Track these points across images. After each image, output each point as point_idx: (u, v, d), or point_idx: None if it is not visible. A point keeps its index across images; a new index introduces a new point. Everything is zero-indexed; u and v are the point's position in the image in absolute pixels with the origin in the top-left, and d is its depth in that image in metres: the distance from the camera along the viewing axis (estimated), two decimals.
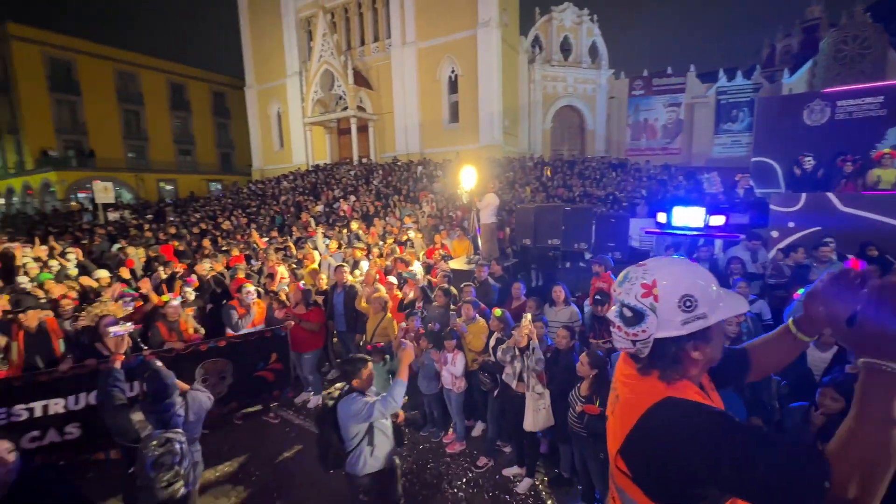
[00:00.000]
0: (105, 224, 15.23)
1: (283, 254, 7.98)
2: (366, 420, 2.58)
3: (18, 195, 29.89)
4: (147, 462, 2.32)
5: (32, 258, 7.07)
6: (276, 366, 4.61)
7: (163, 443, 2.36)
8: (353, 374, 2.67)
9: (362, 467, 2.63)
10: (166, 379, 2.53)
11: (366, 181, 18.02)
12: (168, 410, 2.47)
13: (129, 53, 31.64)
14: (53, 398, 3.54)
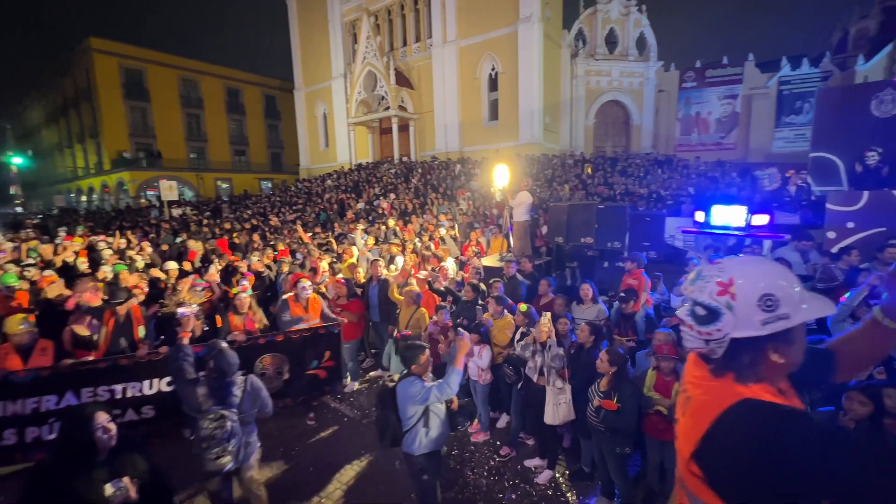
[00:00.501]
0: (169, 219, 16.65)
1: (325, 249, 8.44)
2: (422, 403, 2.71)
3: (98, 193, 33.21)
4: (201, 434, 2.61)
5: (112, 250, 7.95)
6: (329, 363, 4.58)
7: (216, 419, 2.62)
8: (413, 359, 2.82)
9: (418, 447, 2.76)
10: (230, 359, 2.78)
11: (405, 179, 18.44)
12: (227, 389, 2.73)
13: (190, 61, 34.14)
14: (131, 382, 3.84)
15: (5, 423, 3.58)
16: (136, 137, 31.68)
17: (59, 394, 3.65)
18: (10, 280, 5.45)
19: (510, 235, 7.08)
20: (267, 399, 3.00)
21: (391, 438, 2.82)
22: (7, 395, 3.54)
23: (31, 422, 3.62)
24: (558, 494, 3.45)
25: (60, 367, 3.69)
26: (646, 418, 3.08)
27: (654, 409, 3.03)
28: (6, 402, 3.54)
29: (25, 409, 3.59)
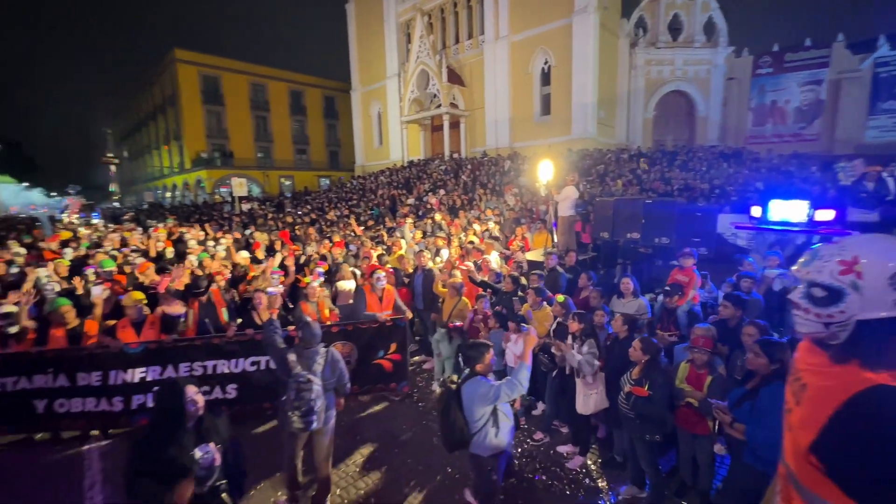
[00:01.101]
0: (240, 213, 18.23)
1: (377, 241, 8.93)
2: (492, 402, 2.65)
3: (180, 189, 36.89)
4: (291, 395, 2.95)
5: (195, 241, 8.96)
6: (395, 356, 4.64)
7: (304, 382, 2.94)
8: (477, 358, 2.76)
9: (488, 447, 2.71)
10: (315, 330, 3.16)
11: (455, 175, 18.73)
12: (313, 357, 3.08)
13: (259, 67, 36.76)
14: (221, 360, 4.24)
15: (115, 391, 4.13)
16: (212, 139, 34.76)
17: (163, 366, 4.17)
18: (108, 265, 6.30)
19: (554, 231, 7.09)
20: (344, 371, 3.27)
21: (458, 441, 2.74)
22: (119, 365, 4.09)
23: (137, 390, 4.15)
24: (588, 480, 3.54)
25: (165, 342, 4.20)
26: (677, 411, 3.10)
27: (684, 402, 3.04)
28: (118, 371, 4.11)
29: (134, 377, 4.14)
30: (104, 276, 5.94)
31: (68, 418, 4.17)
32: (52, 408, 4.12)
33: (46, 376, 4.07)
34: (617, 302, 4.55)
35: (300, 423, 2.94)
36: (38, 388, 4.08)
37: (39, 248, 8.31)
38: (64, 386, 4.11)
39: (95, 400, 4.15)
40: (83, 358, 4.12)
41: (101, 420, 4.22)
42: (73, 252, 7.78)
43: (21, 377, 4.05)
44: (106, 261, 6.51)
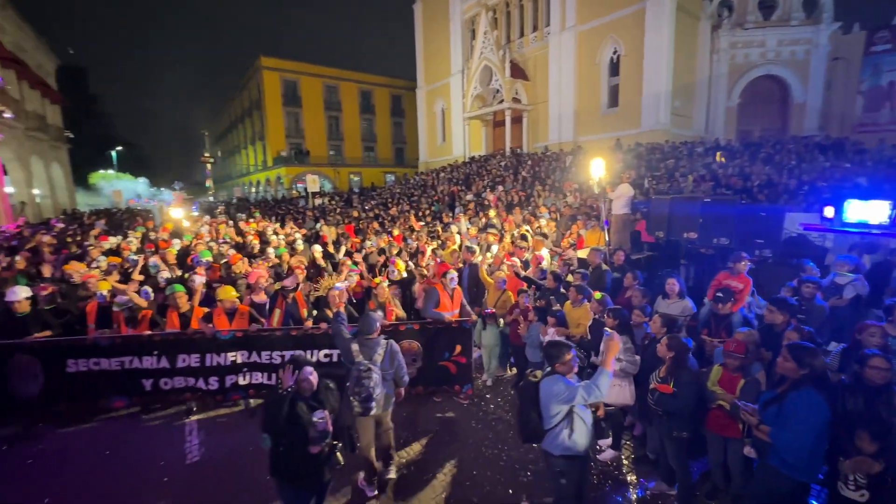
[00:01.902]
0: (313, 208, 19.80)
1: (433, 236, 9.38)
2: (567, 402, 2.64)
3: (263, 185, 40.60)
4: (354, 382, 3.23)
5: (277, 235, 10.02)
6: (460, 359, 4.68)
7: (365, 369, 3.21)
8: (556, 357, 2.75)
9: (558, 447, 2.71)
10: (375, 320, 3.46)
11: (514, 172, 18.70)
12: (374, 348, 3.35)
13: (333, 70, 39.12)
14: (297, 350, 4.59)
15: (211, 372, 4.67)
16: (291, 138, 37.78)
17: (249, 351, 4.67)
18: (206, 255, 7.14)
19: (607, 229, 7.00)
20: (402, 363, 3.49)
21: (531, 434, 2.81)
22: (214, 349, 4.64)
23: (230, 371, 4.68)
24: (618, 473, 3.64)
25: (250, 331, 4.64)
26: (709, 413, 3.10)
27: (715, 404, 3.04)
28: (213, 354, 4.65)
29: (226, 360, 4.67)
30: (203, 266, 6.47)
31: (172, 394, 4.79)
32: (158, 385, 4.74)
33: (153, 357, 4.68)
34: (661, 302, 4.50)
35: (360, 407, 3.21)
36: (146, 368, 4.69)
37: (152, 238, 9.85)
38: (167, 367, 4.70)
39: (194, 378, 4.74)
40: (184, 342, 4.67)
41: (200, 396, 4.80)
42: (180, 242, 9.04)
43: (133, 357, 4.69)
44: (204, 251, 7.48)
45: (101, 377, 4.70)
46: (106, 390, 4.75)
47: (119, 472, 3.90)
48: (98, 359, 4.68)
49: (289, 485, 2.67)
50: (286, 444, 2.57)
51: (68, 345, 4.71)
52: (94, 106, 44.13)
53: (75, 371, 4.68)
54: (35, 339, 4.64)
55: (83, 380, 4.70)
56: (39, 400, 4.68)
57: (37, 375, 4.63)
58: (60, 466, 4.00)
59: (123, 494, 3.63)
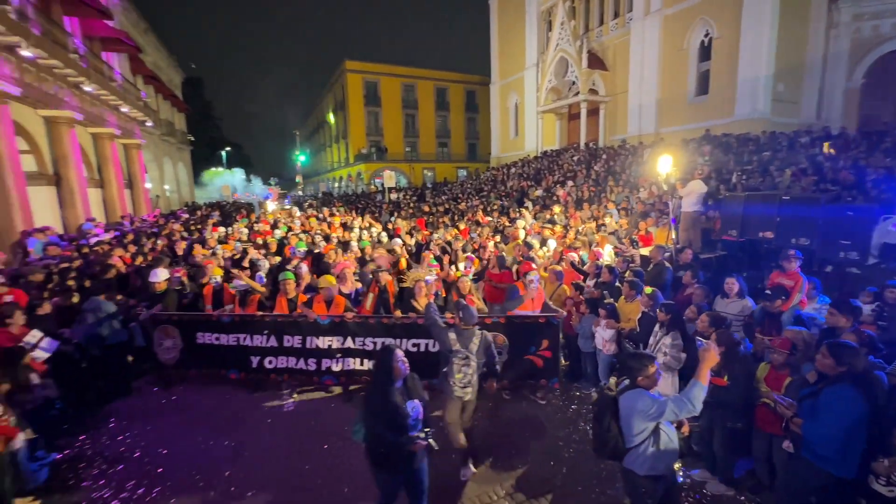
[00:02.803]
0: (388, 202, 21.12)
1: (498, 231, 9.75)
2: (654, 419, 2.42)
3: (345, 180, 43.72)
4: (452, 369, 3.40)
5: (359, 228, 11.05)
6: (546, 353, 4.66)
7: (463, 358, 3.40)
8: (639, 370, 2.52)
9: (642, 466, 2.50)
10: (472, 312, 3.53)
11: (587, 166, 18.23)
12: (470, 338, 3.47)
13: (409, 69, 40.71)
14: (388, 338, 4.78)
15: (310, 354, 5.03)
16: (370, 136, 40.19)
17: (344, 337, 4.98)
18: (302, 246, 7.90)
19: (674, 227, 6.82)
20: (495, 354, 3.59)
21: (611, 451, 2.62)
22: (314, 333, 4.99)
23: (326, 355, 5.01)
24: None
25: (346, 317, 4.91)
26: (755, 409, 3.15)
27: (760, 401, 3.09)
28: (313, 338, 5.00)
29: (324, 344, 5.01)
30: (300, 256, 7.03)
31: (275, 372, 5.20)
32: (262, 363, 5.20)
33: (263, 336, 5.16)
34: (720, 302, 4.45)
35: (460, 392, 3.41)
36: (256, 345, 5.15)
37: (255, 229, 11.44)
38: (274, 346, 5.13)
39: (295, 359, 5.13)
40: (290, 324, 5.07)
41: (299, 376, 5.19)
42: (280, 233, 10.26)
43: (248, 335, 5.20)
44: (300, 243, 8.27)
45: (220, 351, 5.30)
46: (224, 363, 5.34)
47: (223, 436, 4.39)
48: (219, 334, 5.30)
49: (383, 470, 2.77)
50: (382, 430, 2.65)
51: (199, 320, 5.41)
52: (209, 111, 50.58)
53: (202, 343, 5.36)
54: (175, 313, 5.44)
55: (208, 351, 5.35)
56: (176, 365, 5.48)
57: (176, 344, 5.43)
58: (182, 419, 4.91)
59: (224, 459, 4.05)
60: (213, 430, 4.56)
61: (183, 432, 4.53)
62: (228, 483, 3.73)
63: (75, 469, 3.98)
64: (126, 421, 4.80)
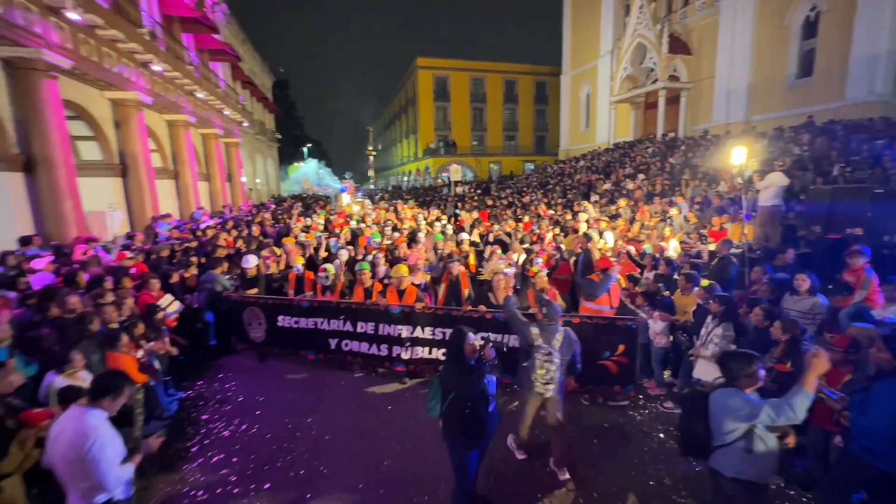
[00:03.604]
0: (454, 195, 21.69)
1: (559, 224, 9.78)
2: (747, 420, 2.28)
3: (413, 175, 45.27)
4: (534, 364, 3.34)
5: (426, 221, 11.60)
6: (622, 359, 4.39)
7: (546, 353, 3.32)
8: (740, 370, 2.37)
9: (730, 469, 2.38)
10: (556, 308, 3.48)
11: (662, 158, 17.23)
12: (553, 334, 3.41)
13: (479, 63, 40.86)
14: None
15: (381, 340, 5.23)
16: (439, 131, 41.11)
17: (414, 326, 5.11)
18: (377, 237, 8.49)
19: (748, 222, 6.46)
20: (578, 352, 3.52)
21: (695, 449, 2.56)
22: (386, 320, 5.21)
23: (396, 342, 5.17)
24: None
25: (417, 307, 5.06)
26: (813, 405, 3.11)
27: (816, 395, 3.04)
28: (384, 325, 5.21)
29: (394, 332, 5.20)
30: (375, 247, 7.43)
31: (349, 355, 5.54)
32: (340, 345, 5.54)
33: (339, 321, 5.49)
34: (789, 298, 4.28)
35: (542, 388, 3.35)
36: (333, 329, 5.50)
37: (332, 220, 12.56)
38: (349, 330, 5.44)
39: (368, 344, 5.39)
40: (364, 311, 5.35)
41: (371, 360, 5.44)
42: (354, 224, 11.21)
43: (325, 320, 5.56)
44: (375, 234, 8.82)
45: (300, 333, 5.69)
46: (303, 344, 5.74)
47: (307, 394, 5.06)
48: (298, 318, 5.69)
49: (459, 445, 2.90)
50: (460, 407, 2.78)
51: (280, 304, 5.82)
52: (293, 111, 54.99)
53: (283, 325, 5.78)
54: (261, 296, 5.96)
55: (288, 333, 5.75)
56: (262, 343, 6.03)
57: (262, 324, 5.93)
58: (273, 377, 5.75)
59: (308, 409, 4.73)
60: (300, 389, 5.35)
61: (274, 388, 5.38)
62: (310, 427, 4.46)
63: (196, 405, 4.99)
64: (231, 373, 5.81)
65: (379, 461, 3.89)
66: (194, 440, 4.32)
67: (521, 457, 3.78)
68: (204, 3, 18.80)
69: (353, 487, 3.58)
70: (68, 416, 2.24)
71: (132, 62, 10.96)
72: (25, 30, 7.35)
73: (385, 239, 8.63)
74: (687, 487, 3.41)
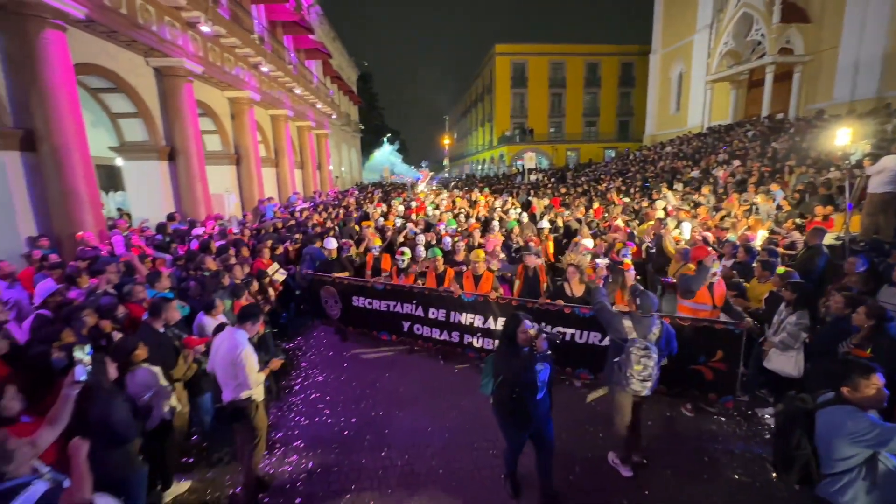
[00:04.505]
0: (527, 183, 21.59)
1: (634, 212, 9.50)
2: (871, 446, 1.97)
3: (487, 163, 45.38)
4: (630, 360, 3.07)
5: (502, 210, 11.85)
6: (720, 365, 3.93)
7: (643, 348, 3.05)
8: (851, 379, 2.09)
9: (846, 500, 2.05)
10: (652, 298, 3.23)
11: (764, 143, 15.53)
12: (649, 327, 3.16)
13: (558, 46, 39.39)
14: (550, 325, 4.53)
15: (453, 328, 5.23)
16: (515, 118, 40.60)
17: (485, 317, 5.03)
18: (452, 224, 8.68)
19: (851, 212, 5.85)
20: (676, 348, 3.28)
21: (799, 474, 2.24)
22: (457, 308, 5.17)
23: (468, 331, 5.16)
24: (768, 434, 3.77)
25: (490, 297, 4.95)
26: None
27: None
28: (456, 313, 5.17)
29: (466, 320, 5.15)
30: (450, 233, 7.55)
31: (421, 339, 5.59)
32: (412, 328, 5.58)
33: (412, 305, 5.50)
34: (887, 291, 3.97)
35: (639, 385, 3.07)
36: (406, 312, 5.54)
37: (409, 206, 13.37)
38: (421, 315, 5.45)
39: (439, 330, 5.38)
40: (435, 297, 5.32)
41: (443, 346, 5.45)
42: (431, 210, 11.80)
43: (398, 303, 5.61)
44: (451, 220, 9.16)
45: (373, 313, 5.81)
46: (377, 325, 5.88)
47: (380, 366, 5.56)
48: (372, 299, 5.79)
49: (508, 423, 3.04)
50: (507, 391, 2.84)
51: (355, 285, 5.97)
52: (375, 101, 57.83)
53: (357, 305, 5.94)
54: (337, 276, 6.10)
55: (362, 313, 5.91)
56: (339, 321, 6.26)
57: (337, 302, 6.14)
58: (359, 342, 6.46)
59: (386, 366, 5.45)
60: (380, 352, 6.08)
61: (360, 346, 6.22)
62: (388, 380, 5.19)
63: (296, 355, 5.97)
64: (324, 332, 6.78)
65: (451, 409, 4.45)
66: (296, 379, 5.25)
67: (628, 474, 3.44)
68: (302, 6, 20.67)
69: (423, 430, 4.17)
70: (224, 335, 3.09)
71: (245, 65, 12.64)
72: (172, 43, 8.97)
73: (460, 226, 8.82)
74: None
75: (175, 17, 9.03)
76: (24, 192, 6.22)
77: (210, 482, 3.59)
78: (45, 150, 6.25)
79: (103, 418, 2.50)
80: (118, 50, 8.25)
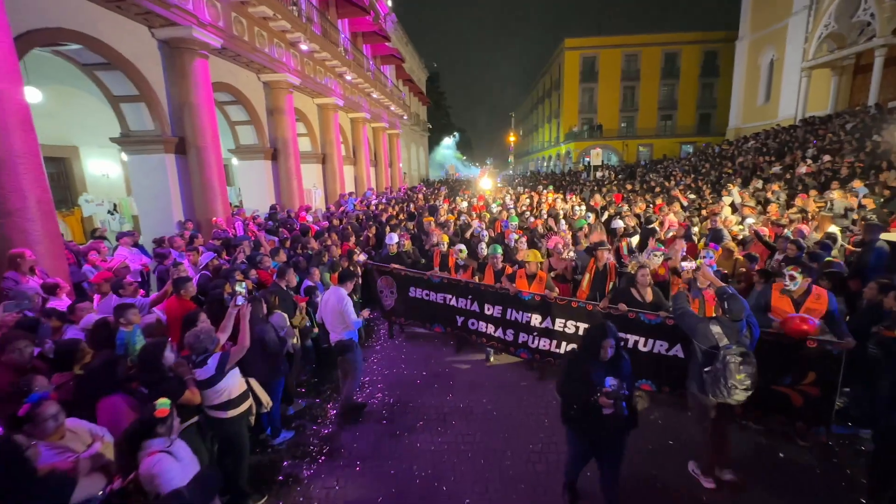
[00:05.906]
0: (592, 180, 21.42)
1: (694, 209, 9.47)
2: None
3: (553, 160, 44.83)
4: (728, 368, 2.78)
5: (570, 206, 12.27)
6: (811, 389, 3.49)
7: (740, 353, 2.77)
8: None
9: None
10: (742, 303, 2.99)
11: (864, 136, 14.12)
12: (741, 330, 2.97)
13: (632, 37, 37.79)
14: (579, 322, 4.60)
15: (508, 325, 5.11)
16: (583, 114, 39.71)
17: (543, 316, 4.83)
18: (514, 220, 8.76)
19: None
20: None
21: None
22: (514, 306, 5.01)
23: (524, 329, 4.99)
24: None
25: (548, 297, 4.73)
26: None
27: None
28: (512, 310, 5.03)
29: (522, 319, 4.99)
30: (511, 230, 7.51)
31: (475, 334, 5.54)
32: (467, 323, 5.56)
33: (467, 300, 5.47)
34: None
35: (741, 395, 2.80)
36: (461, 307, 5.55)
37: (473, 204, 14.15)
38: (476, 311, 5.40)
39: (494, 327, 5.29)
40: (491, 293, 5.24)
41: (497, 343, 5.36)
42: (495, 207, 12.36)
43: (453, 297, 5.61)
44: (512, 217, 9.24)
45: (429, 305, 5.83)
46: (431, 317, 5.91)
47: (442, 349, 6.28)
48: (429, 291, 5.82)
49: (573, 430, 2.92)
50: (576, 398, 2.74)
51: (413, 276, 5.97)
52: (442, 101, 59.39)
53: (414, 296, 5.96)
54: (394, 267, 6.09)
55: (418, 305, 5.94)
56: (391, 311, 6.34)
57: (393, 293, 6.22)
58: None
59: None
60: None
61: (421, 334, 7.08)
62: (448, 363, 6.09)
63: (376, 325, 7.09)
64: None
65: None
66: (377, 341, 6.36)
67: (710, 485, 3.29)
68: (380, 15, 22.34)
69: (480, 385, 4.99)
70: (330, 291, 4.23)
71: (333, 74, 14.29)
72: (278, 60, 10.63)
73: (523, 223, 8.76)
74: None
75: (281, 38, 10.69)
76: (177, 186, 8.04)
77: (318, 407, 4.75)
78: (191, 152, 8.01)
79: (260, 335, 3.67)
80: (238, 69, 10.04)
